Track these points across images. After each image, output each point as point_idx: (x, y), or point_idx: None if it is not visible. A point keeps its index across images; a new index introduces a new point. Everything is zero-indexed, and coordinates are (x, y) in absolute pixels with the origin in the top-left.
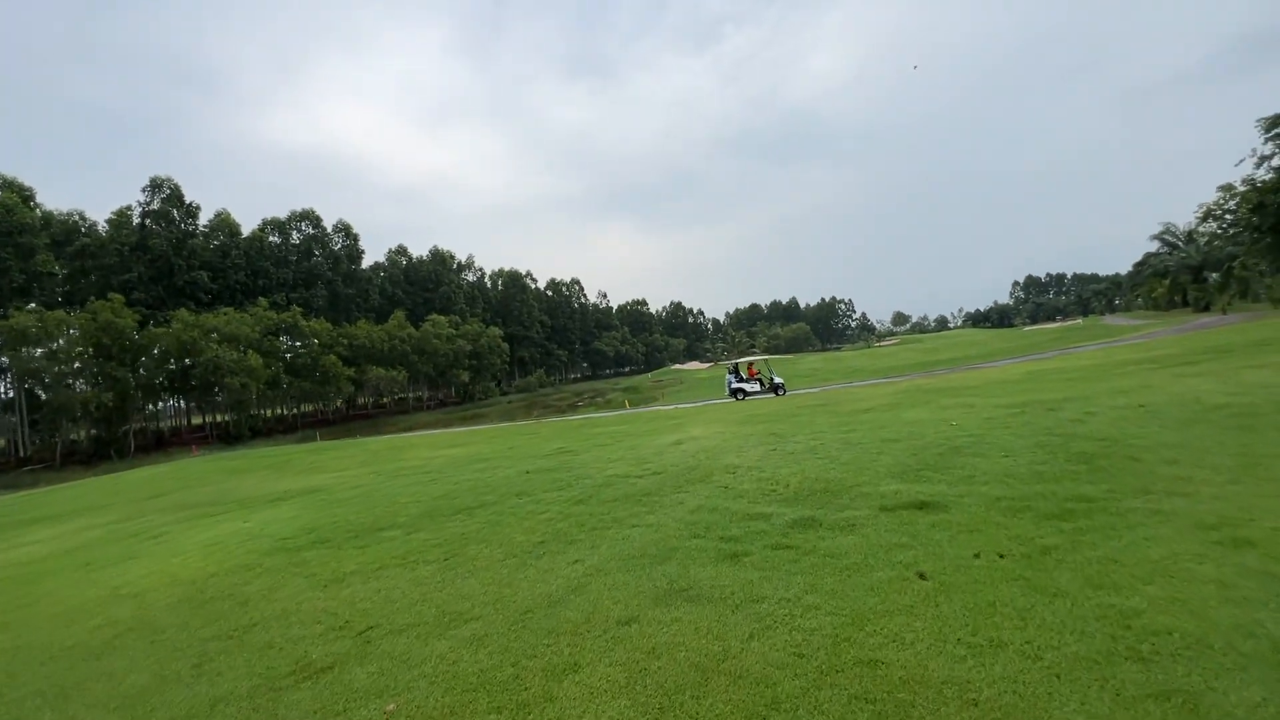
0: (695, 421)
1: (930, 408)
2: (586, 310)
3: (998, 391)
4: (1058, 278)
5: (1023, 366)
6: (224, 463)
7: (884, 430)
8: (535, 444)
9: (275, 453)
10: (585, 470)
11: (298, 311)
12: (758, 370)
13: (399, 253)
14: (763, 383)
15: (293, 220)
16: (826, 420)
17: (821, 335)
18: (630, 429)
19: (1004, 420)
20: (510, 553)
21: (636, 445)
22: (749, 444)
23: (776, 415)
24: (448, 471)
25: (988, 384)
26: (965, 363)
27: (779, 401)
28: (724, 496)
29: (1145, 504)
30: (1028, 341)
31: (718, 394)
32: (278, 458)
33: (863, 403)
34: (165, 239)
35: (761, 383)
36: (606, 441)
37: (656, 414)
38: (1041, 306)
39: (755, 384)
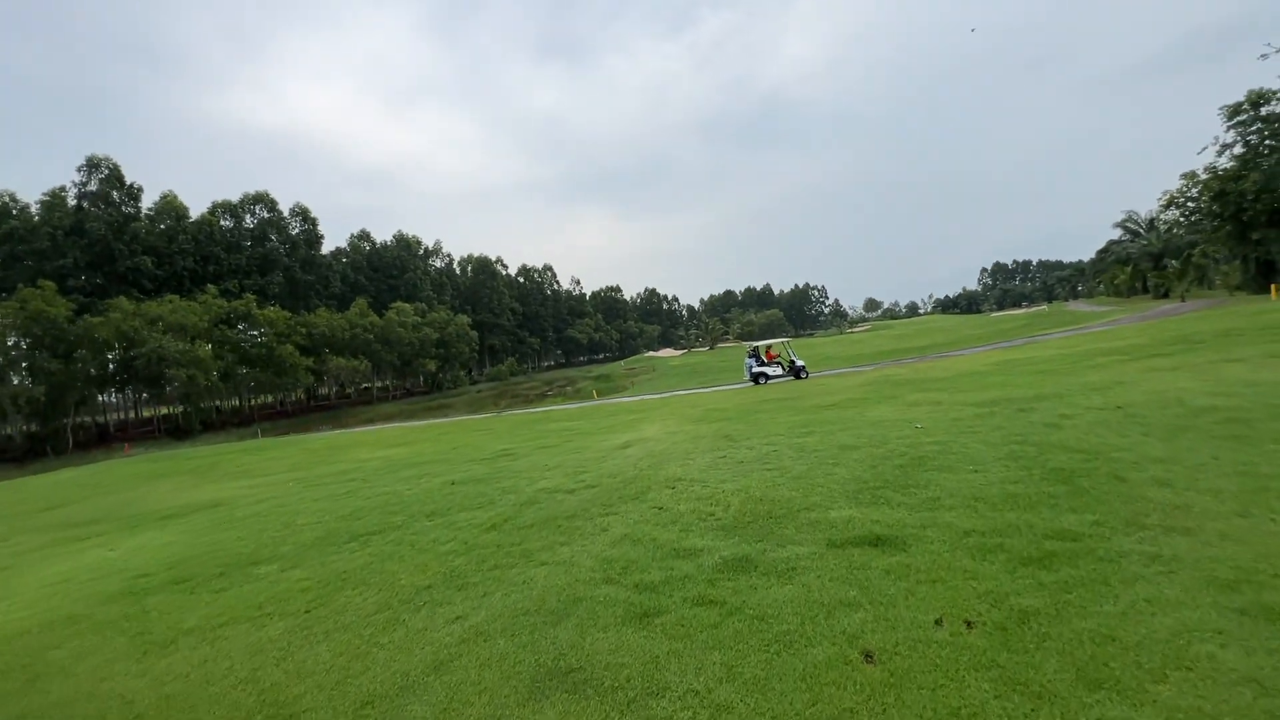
0: (654, 417)
1: (896, 404)
2: (559, 297)
3: (966, 385)
4: (1024, 265)
5: (991, 355)
6: (148, 465)
7: (844, 433)
8: (482, 443)
9: (208, 453)
10: (516, 482)
11: (251, 299)
12: (777, 353)
13: (361, 237)
14: (784, 366)
15: (245, 203)
16: (786, 419)
17: (795, 321)
18: (586, 425)
19: (972, 423)
20: (387, 602)
21: (582, 448)
22: (698, 449)
23: (736, 412)
24: (373, 480)
25: (956, 376)
26: (935, 350)
27: (741, 396)
28: (655, 522)
29: (1140, 544)
30: (996, 328)
31: (688, 383)
32: (207, 459)
33: (827, 396)
34: (104, 222)
35: (783, 366)
36: (554, 442)
37: (619, 407)
38: (1009, 293)
39: (776, 367)
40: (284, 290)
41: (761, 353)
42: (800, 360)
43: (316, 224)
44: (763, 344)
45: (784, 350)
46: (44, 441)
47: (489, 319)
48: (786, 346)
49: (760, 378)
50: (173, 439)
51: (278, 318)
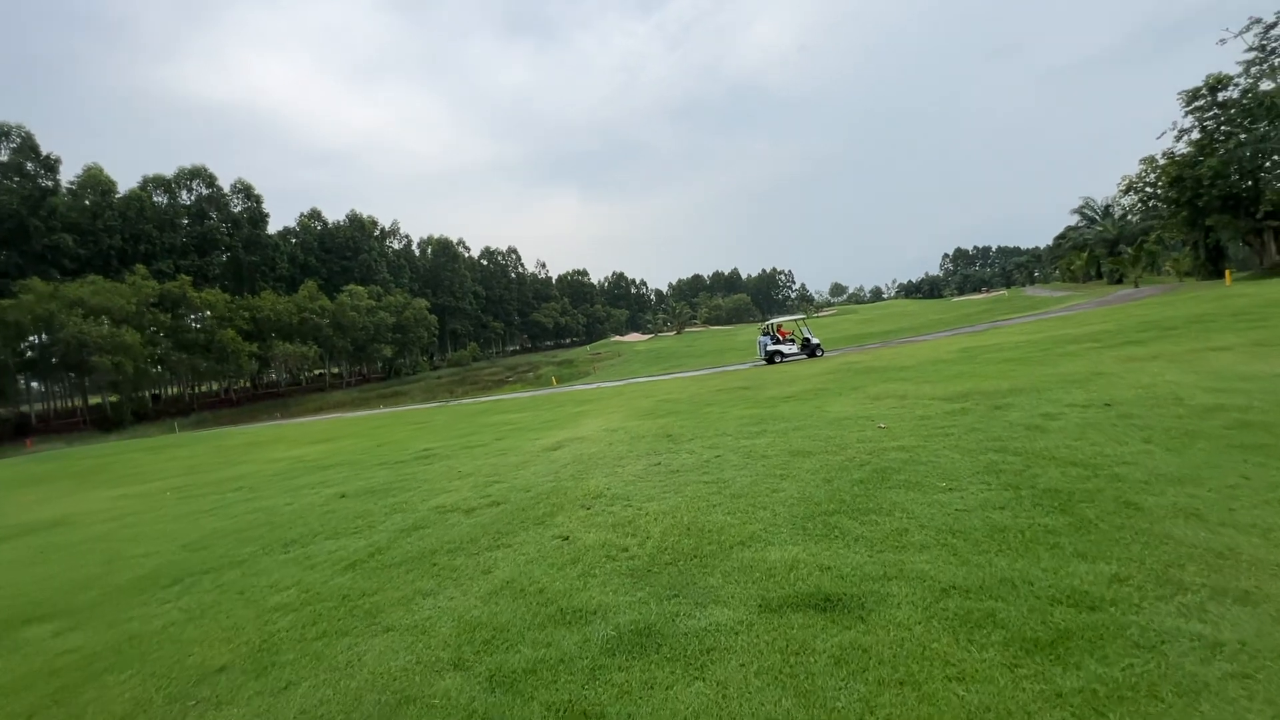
0: (601, 409)
1: (858, 397)
2: (525, 280)
3: (932, 375)
4: (984, 251)
5: (956, 341)
6: (34, 466)
7: (798, 433)
8: (408, 440)
9: (109, 451)
10: (413, 496)
11: (187, 281)
12: (790, 331)
13: (312, 217)
14: (799, 344)
15: (181, 178)
16: (737, 414)
17: (762, 306)
18: (527, 419)
19: (942, 423)
20: (144, 700)
21: (509, 450)
22: (634, 452)
23: (688, 404)
24: (259, 490)
25: (921, 364)
26: (899, 335)
27: (698, 385)
28: (552, 560)
29: (1187, 619)
30: (959, 313)
31: (650, 369)
32: (104, 459)
33: (787, 385)
34: (17, 195)
35: (798, 344)
36: (484, 440)
37: (571, 396)
38: (969, 278)
39: (792, 345)
40: (226, 272)
41: (774, 331)
42: (816, 338)
43: (261, 201)
44: (775, 321)
45: (798, 328)
46: None
47: (450, 302)
48: (800, 324)
49: (775, 356)
50: (100, 431)
51: (217, 300)
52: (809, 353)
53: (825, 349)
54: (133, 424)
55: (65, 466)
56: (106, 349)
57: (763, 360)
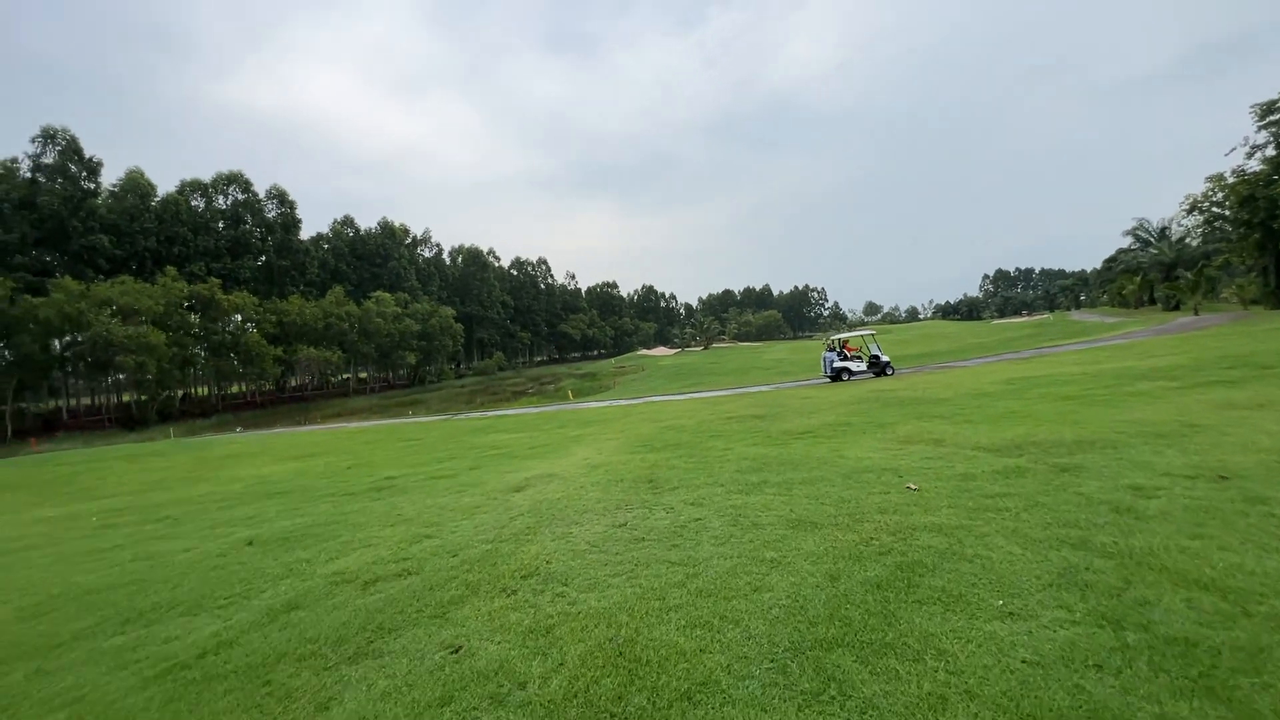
0: (596, 435)
1: (884, 439)
2: (553, 291)
3: (975, 413)
4: (1026, 272)
5: (1000, 369)
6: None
7: (805, 490)
8: (384, 462)
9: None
10: (327, 549)
11: (215, 283)
12: (857, 347)
13: (345, 224)
14: (866, 360)
15: (218, 183)
16: (741, 453)
17: (793, 323)
18: (516, 443)
19: (991, 489)
20: None
21: (472, 486)
22: (604, 503)
23: (692, 435)
24: (181, 523)
25: (961, 397)
26: (935, 359)
27: (711, 409)
28: (419, 694)
29: None
30: (999, 337)
31: (670, 386)
32: (77, 468)
33: (807, 416)
34: (58, 197)
35: (864, 360)
36: (457, 469)
37: (577, 415)
38: (1010, 300)
39: (859, 362)
40: (258, 275)
41: (840, 346)
42: (885, 355)
43: (294, 207)
44: (841, 337)
45: (864, 344)
46: None
47: (478, 311)
48: (867, 340)
49: (843, 374)
50: (123, 429)
51: (245, 303)
52: (878, 371)
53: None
54: (156, 423)
55: (36, 474)
56: (131, 348)
57: (827, 377)
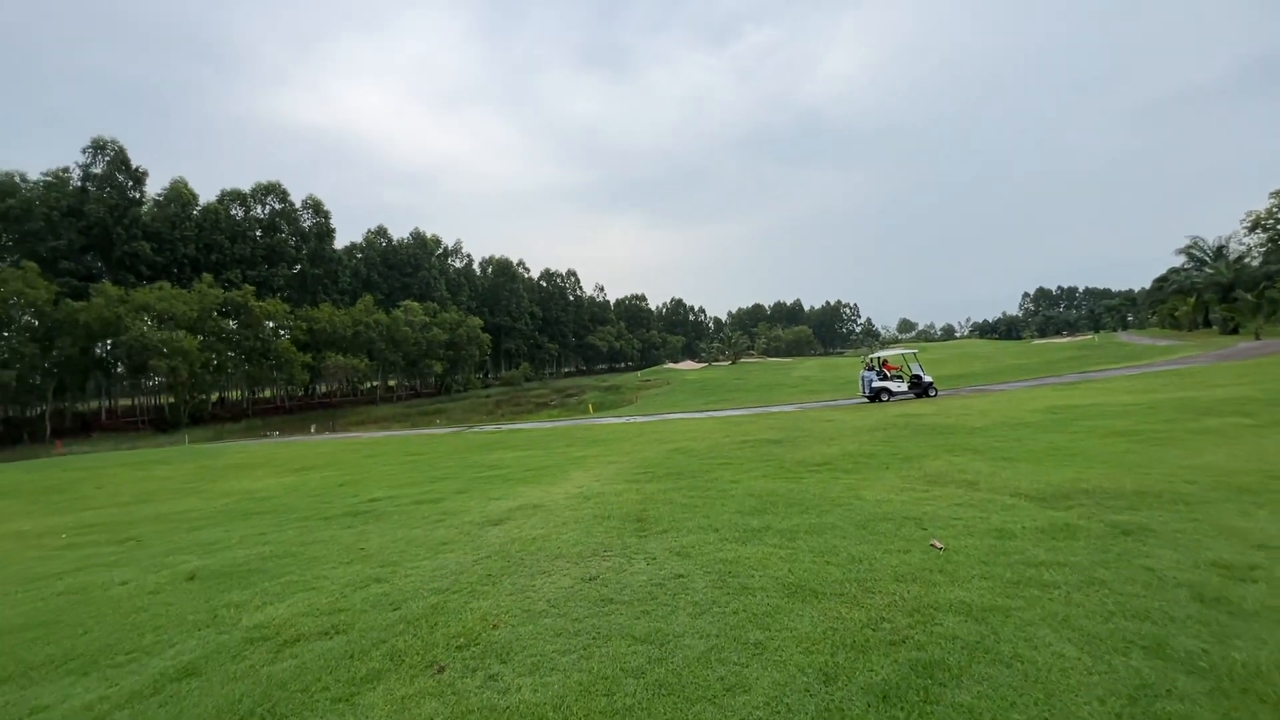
0: (600, 457)
1: (909, 476)
2: (582, 303)
3: (1014, 447)
4: (1069, 291)
5: (1042, 395)
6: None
7: (810, 541)
8: (374, 481)
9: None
10: (264, 591)
11: (249, 290)
12: (897, 366)
13: (378, 233)
14: (907, 380)
15: (256, 193)
16: (748, 487)
17: (824, 339)
18: (520, 461)
19: (1036, 555)
20: None
21: (452, 514)
22: (581, 546)
23: (699, 463)
24: (143, 545)
25: (998, 427)
26: (971, 381)
27: (720, 434)
28: None
29: None
30: (1041, 358)
31: (692, 402)
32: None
33: (827, 444)
34: (104, 205)
35: (905, 380)
36: (444, 492)
37: (588, 433)
38: (1051, 320)
39: (899, 382)
40: (291, 283)
41: (879, 365)
42: (928, 375)
43: (328, 217)
44: (880, 355)
45: (905, 363)
46: (20, 428)
47: (506, 322)
48: (908, 359)
49: (882, 394)
50: (156, 431)
51: (277, 310)
52: (919, 392)
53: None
54: (188, 426)
55: (39, 480)
56: (164, 352)
57: (865, 398)
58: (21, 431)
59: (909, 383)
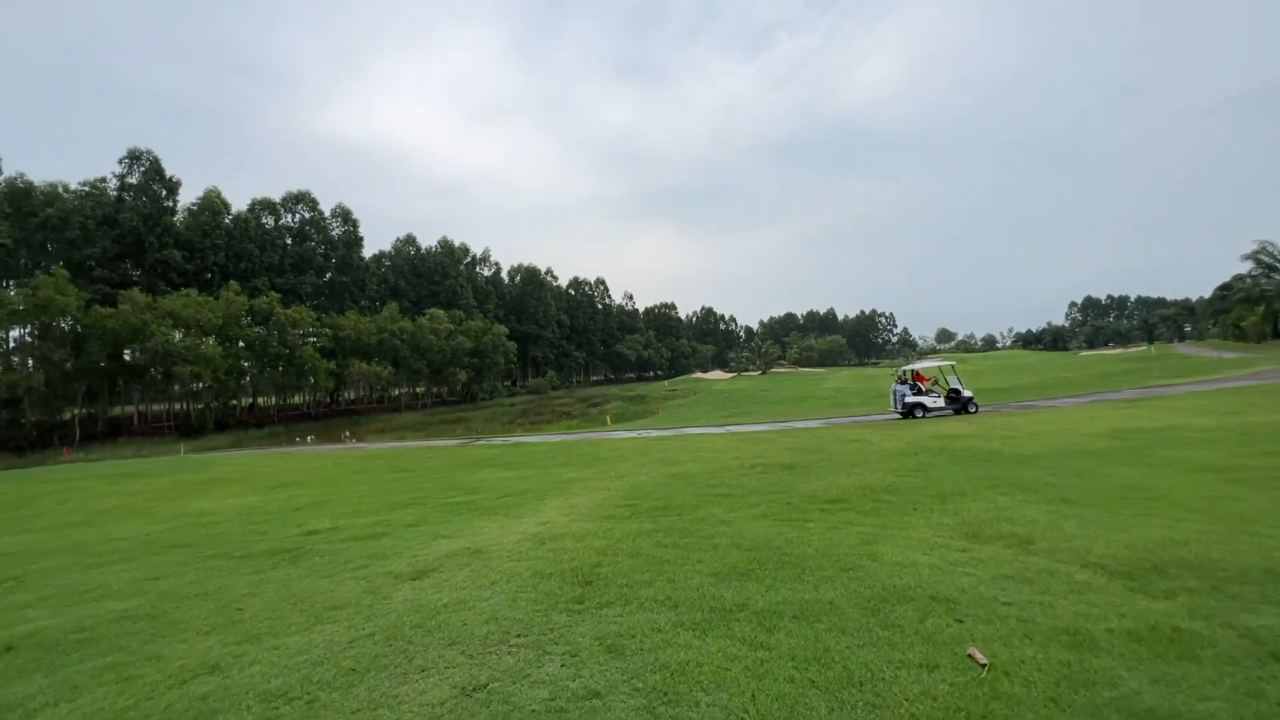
0: (592, 480)
1: (942, 528)
2: (610, 312)
3: (1078, 485)
4: (1120, 300)
5: (1100, 413)
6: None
7: (799, 631)
8: (337, 504)
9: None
10: (38, 692)
11: (275, 298)
12: (931, 378)
13: (407, 242)
14: (944, 395)
15: (286, 202)
16: (739, 531)
17: (859, 349)
18: (506, 483)
19: (1137, 699)
20: None
21: (373, 560)
22: (492, 625)
23: (695, 493)
24: (20, 586)
25: (1054, 455)
26: (1016, 396)
27: (730, 454)
28: None
29: None
30: (1093, 371)
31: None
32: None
33: (846, 472)
34: (137, 214)
35: (943, 394)
36: (389, 527)
37: (595, 449)
38: (1100, 330)
39: (937, 398)
40: (319, 291)
41: (912, 378)
42: (967, 389)
43: (357, 225)
44: (911, 367)
45: (942, 375)
46: (51, 432)
47: (534, 330)
48: (945, 372)
49: (917, 410)
50: (181, 437)
51: (303, 317)
52: (958, 408)
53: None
54: (213, 431)
55: (10, 493)
56: (188, 359)
57: (897, 414)
58: (53, 435)
59: (946, 397)
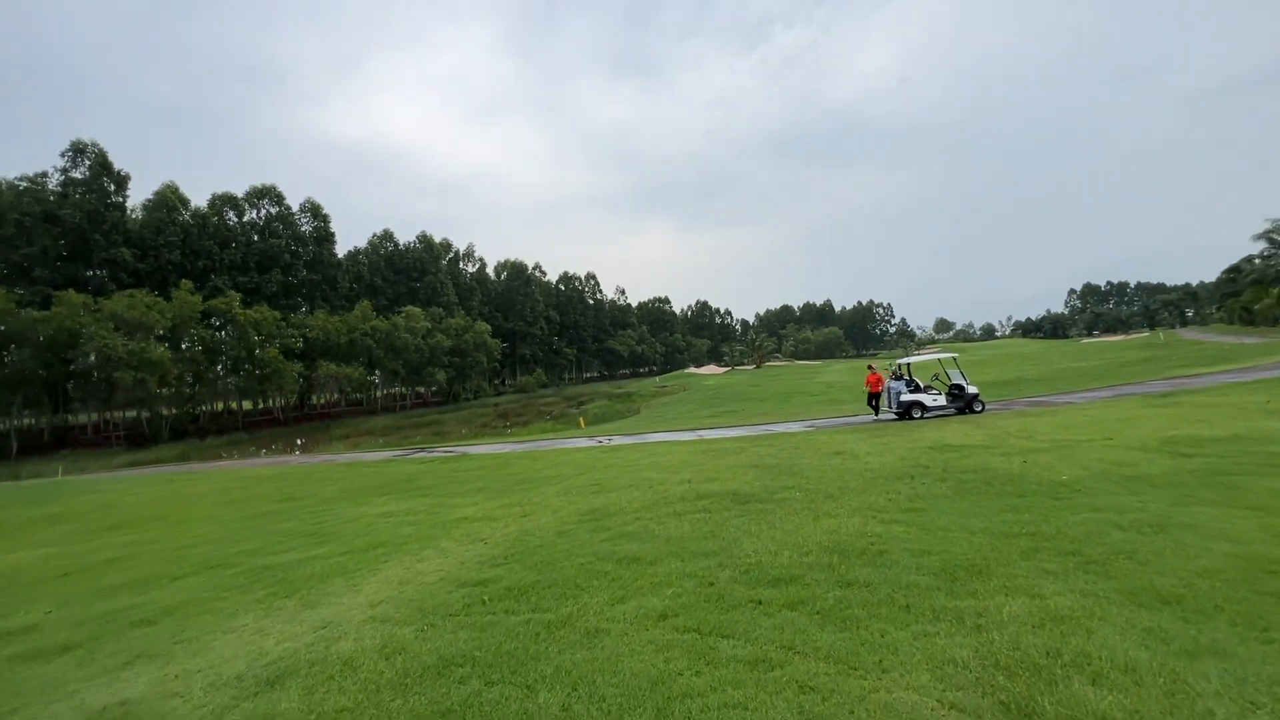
0: (464, 530)
1: (948, 668)
2: (602, 307)
3: (1157, 546)
4: (1119, 286)
5: (1136, 415)
6: None
7: None
8: (146, 557)
9: None
10: None
11: (235, 298)
12: (932, 375)
13: (384, 238)
14: (946, 393)
15: (250, 197)
16: (605, 657)
17: (856, 341)
18: (369, 528)
19: None
20: None
21: (176, 642)
22: None
23: (596, 551)
24: None
25: (1100, 482)
26: (1025, 390)
27: (694, 470)
28: None
29: None
30: (1102, 360)
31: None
32: None
33: (814, 512)
34: (80, 210)
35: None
36: (149, 612)
37: (522, 467)
38: (1100, 317)
39: (936, 395)
40: (289, 289)
41: (908, 373)
42: (972, 386)
43: (328, 221)
44: (905, 361)
45: (943, 370)
46: None
47: (521, 327)
48: (946, 365)
49: (914, 410)
50: (132, 447)
51: (266, 318)
52: (962, 406)
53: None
54: (169, 441)
55: None
56: (131, 364)
57: (893, 414)
58: None
59: (948, 395)
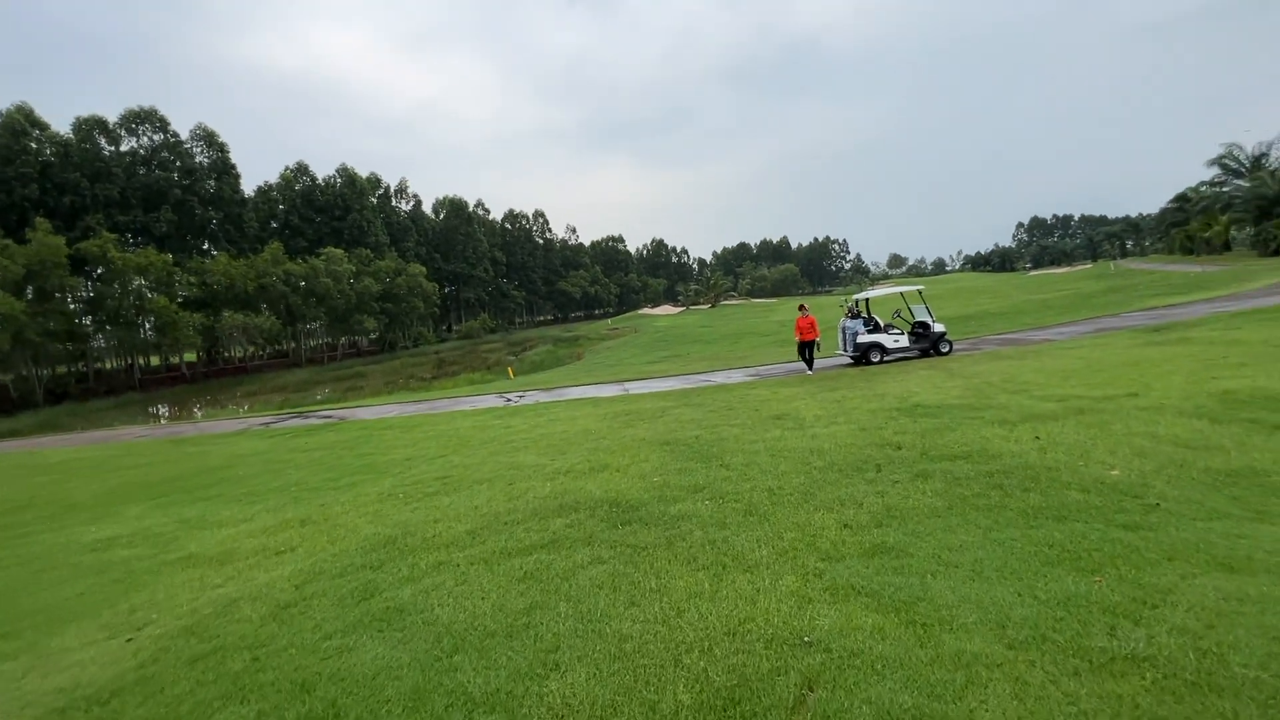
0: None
1: None
2: (552, 247)
3: None
4: (1064, 220)
5: (1149, 357)
6: None
7: None
8: None
9: None
10: None
11: (109, 239)
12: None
13: (299, 171)
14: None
15: (126, 121)
16: None
17: (812, 277)
18: (114, 551)
19: None
20: None
21: None
22: None
23: (341, 631)
24: None
25: (1158, 474)
26: (988, 326)
27: (521, 486)
28: None
29: None
30: (1063, 292)
31: (647, 356)
32: None
33: (738, 532)
34: None
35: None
36: None
37: (370, 451)
38: (1046, 250)
39: (900, 336)
40: (183, 230)
41: (866, 311)
42: (938, 324)
43: (226, 151)
44: (863, 296)
45: (905, 305)
46: None
47: (464, 269)
48: (910, 300)
49: (873, 352)
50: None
51: (154, 262)
52: (928, 346)
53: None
54: (47, 404)
55: None
56: None
57: (849, 357)
58: None
59: (911, 334)
